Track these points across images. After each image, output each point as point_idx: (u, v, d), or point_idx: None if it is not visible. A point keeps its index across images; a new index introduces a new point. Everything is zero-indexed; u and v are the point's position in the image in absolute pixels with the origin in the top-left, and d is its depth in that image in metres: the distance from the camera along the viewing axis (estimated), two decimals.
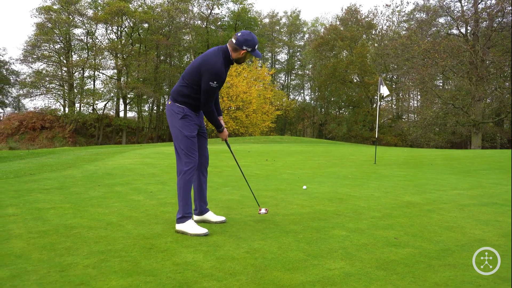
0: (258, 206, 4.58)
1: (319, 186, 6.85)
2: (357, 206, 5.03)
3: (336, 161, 12.30)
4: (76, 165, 9.04)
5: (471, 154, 15.43)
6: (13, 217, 4.25)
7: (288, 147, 20.58)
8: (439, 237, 3.68)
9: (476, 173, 9.61)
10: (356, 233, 3.76)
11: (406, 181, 7.71)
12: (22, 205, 4.82)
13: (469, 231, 3.89)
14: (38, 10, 42.21)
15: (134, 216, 4.33)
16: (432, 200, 5.61)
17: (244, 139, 28.21)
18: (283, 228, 3.93)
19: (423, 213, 4.69)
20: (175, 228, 3.78)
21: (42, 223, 4.01)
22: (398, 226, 4.05)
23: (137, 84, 42.11)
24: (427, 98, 35.87)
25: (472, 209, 5.00)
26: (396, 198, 5.72)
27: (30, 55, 42.75)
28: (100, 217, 4.29)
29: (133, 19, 43.34)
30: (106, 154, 11.88)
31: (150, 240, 3.49)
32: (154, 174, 7.92)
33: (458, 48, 30.44)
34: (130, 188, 6.20)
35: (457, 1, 34.27)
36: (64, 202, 5.02)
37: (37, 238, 3.51)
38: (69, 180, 6.79)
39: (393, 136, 45.91)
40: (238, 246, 3.35)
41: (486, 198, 5.83)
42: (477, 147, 31.38)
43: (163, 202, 5.12)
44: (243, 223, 4.10)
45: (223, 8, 56.56)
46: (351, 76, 51.77)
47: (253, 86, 40.97)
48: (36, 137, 40.66)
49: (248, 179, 7.60)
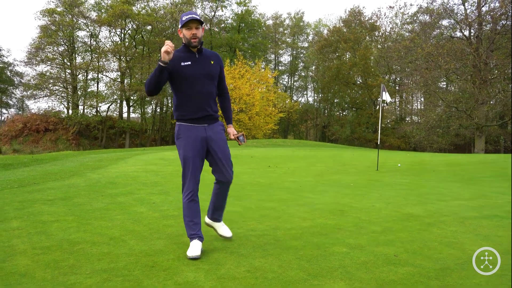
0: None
1: (321, 196, 6.87)
2: (358, 219, 5.06)
3: (339, 167, 12.32)
4: (80, 173, 9.11)
5: (475, 160, 15.40)
6: (18, 231, 4.31)
7: (291, 152, 20.61)
8: (438, 254, 3.70)
9: (479, 180, 9.61)
10: (356, 250, 3.79)
11: (408, 190, 7.73)
12: (26, 218, 4.88)
13: (469, 248, 3.91)
14: (42, 13, 42.50)
15: (136, 230, 4.38)
16: (433, 212, 5.63)
17: (247, 142, 28.23)
18: (284, 244, 3.96)
19: (423, 227, 4.71)
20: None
21: (46, 237, 4.06)
22: (398, 242, 4.07)
23: (140, 86, 42.26)
24: (430, 101, 35.84)
25: (473, 222, 5.01)
26: (397, 209, 5.74)
27: (34, 57, 43.00)
28: (103, 231, 4.34)
29: (136, 22, 43.51)
30: (109, 161, 11.96)
31: (153, 257, 3.53)
32: (157, 183, 7.97)
33: (462, 51, 30.39)
34: (132, 198, 6.25)
35: (461, 4, 34.22)
36: (67, 215, 5.07)
37: (41, 254, 3.56)
38: (72, 190, 6.85)
39: (396, 138, 45.89)
40: (239, 264, 3.39)
41: (487, 210, 5.84)
42: (481, 150, 31.31)
43: (165, 215, 5.16)
44: (245, 238, 4.14)
45: (226, 10, 56.75)
46: (355, 78, 51.80)
47: (256, 88, 41.05)
48: (39, 139, 40.89)
49: (252, 188, 7.67)
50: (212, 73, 3.66)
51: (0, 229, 4.37)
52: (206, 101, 3.62)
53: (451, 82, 36.96)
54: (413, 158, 16.72)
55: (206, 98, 3.61)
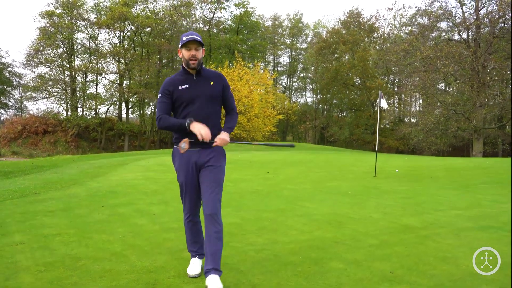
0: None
1: (319, 205, 6.96)
2: (355, 232, 5.15)
3: (337, 173, 12.41)
4: (80, 181, 9.19)
5: (472, 164, 15.52)
6: (20, 245, 4.38)
7: (289, 156, 20.71)
8: (433, 270, 3.79)
9: (476, 187, 9.71)
10: (353, 266, 3.87)
11: (406, 199, 7.82)
12: (28, 231, 4.95)
13: (463, 263, 4.00)
14: (41, 15, 42.51)
15: (137, 245, 4.46)
16: (430, 223, 5.72)
17: (244, 146, 28.33)
18: (282, 259, 4.04)
19: (419, 240, 4.79)
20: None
21: (49, 253, 4.14)
22: (394, 257, 4.15)
23: (139, 88, 42.31)
24: (429, 103, 35.98)
25: (468, 234, 5.10)
26: (394, 220, 5.83)
27: (33, 59, 43.02)
28: (104, 245, 4.42)
29: (135, 24, 43.57)
30: (108, 167, 12.04)
31: (154, 274, 3.61)
32: (157, 192, 8.05)
33: (460, 55, 30.53)
34: (132, 209, 6.33)
35: (459, 7, 34.37)
36: (69, 227, 5.15)
37: (45, 271, 3.63)
38: (73, 200, 6.93)
39: (395, 139, 46.03)
40: (238, 281, 3.47)
41: (483, 220, 5.93)
42: (479, 153, 31.46)
43: (165, 227, 5.24)
44: (244, 253, 4.22)
45: (225, 11, 56.84)
46: (353, 79, 51.94)
47: (255, 90, 41.15)
48: (38, 142, 40.93)
49: (250, 197, 7.75)
50: (212, 95, 3.51)
51: (4, 243, 4.44)
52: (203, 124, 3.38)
53: (449, 84, 37.11)
54: (410, 162, 16.82)
55: (203, 121, 3.37)
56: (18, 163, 12.72)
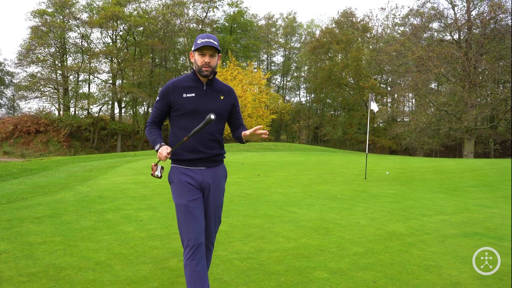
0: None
1: (307, 211, 6.98)
2: (341, 239, 5.17)
3: (327, 176, 12.45)
4: (69, 186, 9.14)
5: (462, 166, 15.63)
6: (4, 254, 4.35)
7: (282, 157, 20.73)
8: (416, 280, 3.82)
9: (464, 191, 9.79)
10: (336, 275, 3.89)
11: (394, 203, 7.87)
12: (13, 239, 4.93)
13: (446, 272, 4.03)
14: (33, 14, 42.12)
15: (122, 253, 4.45)
16: (416, 229, 5.76)
17: (238, 146, 28.33)
18: (267, 268, 4.05)
19: (404, 248, 4.83)
20: None
21: (33, 262, 4.12)
22: (378, 266, 4.18)
23: (132, 88, 42.12)
24: (421, 103, 36.18)
25: (453, 241, 5.14)
26: (380, 227, 5.86)
27: (25, 58, 42.65)
28: (89, 254, 4.40)
29: (128, 23, 43.34)
30: (99, 170, 11.99)
31: (137, 285, 3.61)
32: (146, 196, 8.03)
33: (451, 55, 30.71)
34: (120, 215, 6.31)
35: (450, 8, 34.56)
36: (55, 235, 5.13)
37: (27, 282, 3.61)
38: (60, 206, 6.89)
39: (388, 139, 46.22)
40: None
41: (468, 226, 5.99)
42: (470, 153, 31.67)
43: (152, 235, 5.23)
44: (229, 262, 4.22)
45: (218, 11, 56.72)
46: (347, 79, 52.09)
47: (248, 90, 41.16)
48: (30, 141, 40.59)
49: (239, 201, 7.75)
50: (220, 111, 3.07)
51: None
52: (205, 142, 3.03)
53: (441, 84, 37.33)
54: (401, 164, 16.91)
55: (206, 138, 3.03)
56: (7, 166, 12.63)
